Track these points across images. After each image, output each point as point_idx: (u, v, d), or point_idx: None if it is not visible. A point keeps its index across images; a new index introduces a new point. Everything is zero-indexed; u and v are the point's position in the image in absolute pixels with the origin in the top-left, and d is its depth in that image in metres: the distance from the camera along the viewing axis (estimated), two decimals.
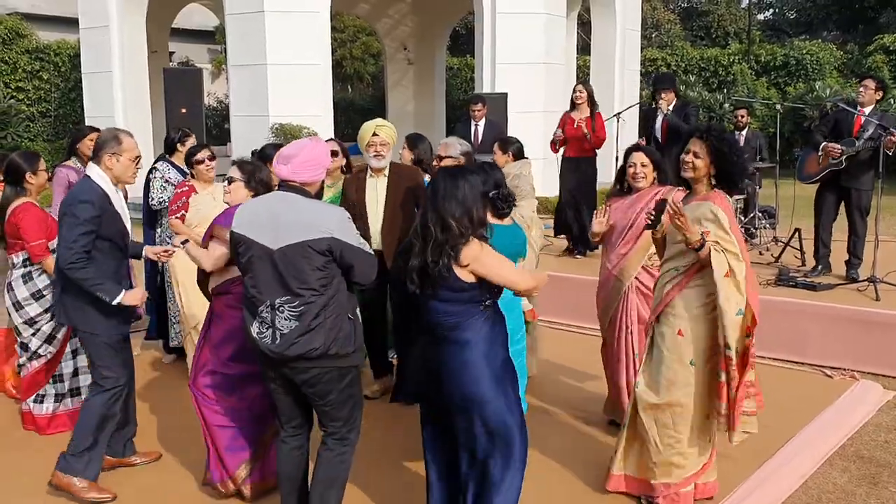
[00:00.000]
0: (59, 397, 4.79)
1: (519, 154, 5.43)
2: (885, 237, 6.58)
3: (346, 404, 3.38)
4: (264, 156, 5.08)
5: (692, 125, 7.10)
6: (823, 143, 6.71)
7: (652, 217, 3.88)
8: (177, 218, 5.39)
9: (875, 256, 6.37)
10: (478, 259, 3.07)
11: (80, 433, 3.93)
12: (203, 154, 5.46)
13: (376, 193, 5.00)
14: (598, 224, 4.49)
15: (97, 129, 6.10)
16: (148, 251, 4.28)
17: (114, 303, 3.81)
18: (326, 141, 5.48)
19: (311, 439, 3.59)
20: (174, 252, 4.28)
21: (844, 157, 6.61)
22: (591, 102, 8.00)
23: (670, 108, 7.55)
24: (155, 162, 6.09)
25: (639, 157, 4.41)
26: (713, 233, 3.63)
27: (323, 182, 3.46)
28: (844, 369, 5.77)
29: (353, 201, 5.01)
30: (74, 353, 4.79)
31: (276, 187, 3.49)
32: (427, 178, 5.13)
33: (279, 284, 3.20)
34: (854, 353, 5.84)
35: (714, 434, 3.86)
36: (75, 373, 4.81)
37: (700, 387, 3.74)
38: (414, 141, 5.62)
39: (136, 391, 4.41)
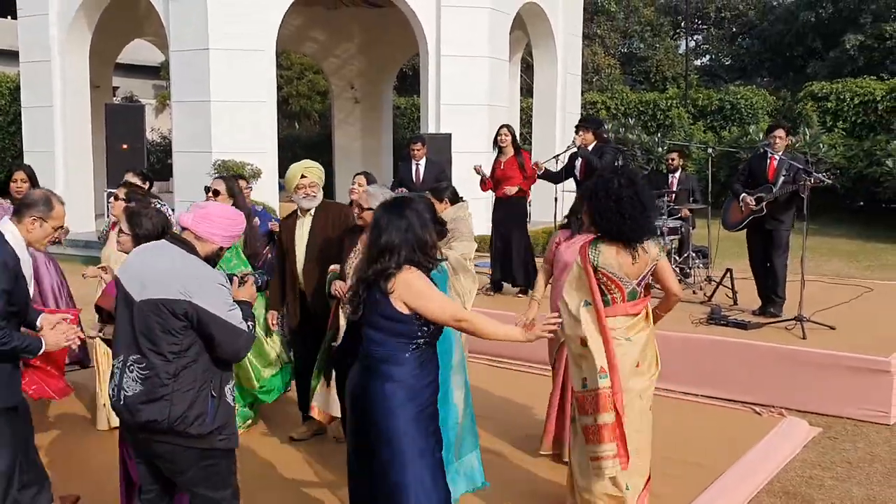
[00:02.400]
0: None
1: (454, 198, 5.50)
2: (810, 277, 6.83)
3: (209, 482, 3.09)
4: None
5: (605, 161, 7.35)
6: (742, 196, 7.00)
7: None
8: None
9: (801, 296, 6.60)
10: (408, 286, 2.98)
11: None
12: (117, 191, 5.26)
13: (303, 233, 5.03)
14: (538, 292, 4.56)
15: (25, 168, 6.09)
16: (43, 321, 3.66)
17: (41, 352, 3.47)
18: (216, 178, 5.55)
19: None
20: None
21: (764, 203, 6.90)
22: (515, 143, 8.18)
23: (589, 147, 7.62)
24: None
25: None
26: None
27: (221, 249, 3.24)
28: (773, 406, 5.94)
29: (285, 246, 5.05)
30: None
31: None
32: None
33: (132, 340, 2.98)
34: (782, 390, 6.02)
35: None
36: None
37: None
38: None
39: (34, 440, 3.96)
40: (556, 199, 9.54)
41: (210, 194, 5.36)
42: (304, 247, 5.01)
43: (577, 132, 7.77)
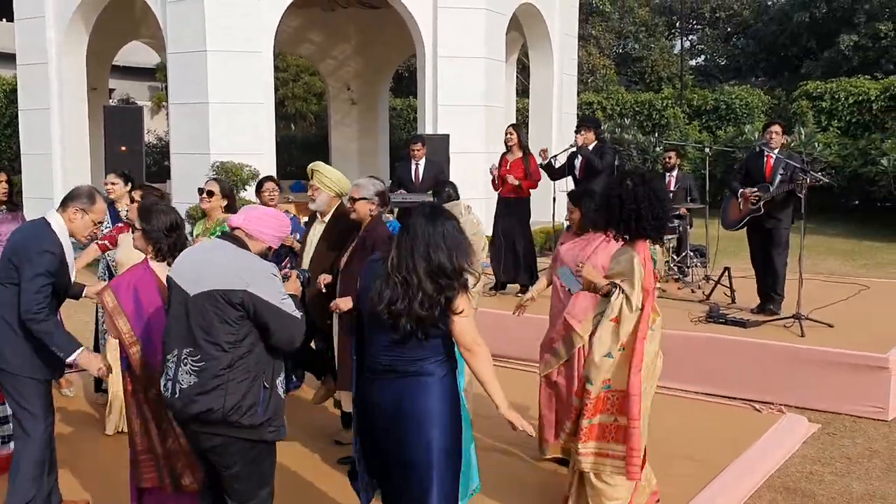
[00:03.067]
0: None
1: (448, 198, 5.53)
2: (808, 275, 6.87)
3: (252, 478, 3.17)
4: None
5: (605, 162, 7.53)
6: (741, 190, 7.05)
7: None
8: (97, 242, 5.41)
9: (799, 294, 6.65)
10: (463, 308, 3.01)
11: (19, 487, 3.77)
12: (133, 193, 5.42)
13: (313, 238, 5.02)
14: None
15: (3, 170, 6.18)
16: (89, 292, 4.21)
17: (68, 360, 3.72)
18: (211, 179, 5.60)
19: None
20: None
21: (762, 202, 6.95)
22: (522, 145, 8.23)
23: (590, 147, 7.76)
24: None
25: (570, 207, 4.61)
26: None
27: (269, 249, 3.36)
28: (773, 403, 5.99)
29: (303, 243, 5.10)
30: None
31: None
32: None
33: (187, 333, 3.05)
34: (781, 387, 6.06)
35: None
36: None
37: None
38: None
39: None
40: (553, 200, 9.59)
41: (204, 195, 5.38)
42: (311, 253, 4.99)
43: (577, 132, 7.85)
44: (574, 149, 7.85)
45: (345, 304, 4.35)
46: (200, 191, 5.45)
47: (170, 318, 3.17)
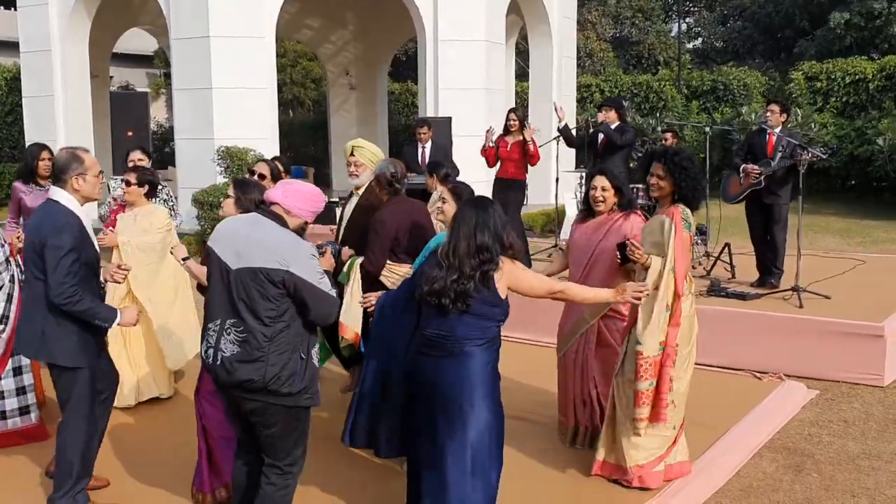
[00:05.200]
0: None
1: (445, 179, 5.67)
2: (807, 251, 7.07)
3: (289, 438, 3.36)
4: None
5: (626, 139, 7.83)
6: (743, 166, 7.23)
7: (619, 258, 4.21)
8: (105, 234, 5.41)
9: (798, 267, 6.84)
10: (512, 273, 3.39)
11: (63, 471, 3.84)
12: (128, 176, 5.48)
13: (346, 212, 5.20)
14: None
15: (45, 147, 6.25)
16: (106, 274, 4.09)
17: (114, 325, 3.78)
18: (260, 161, 5.66)
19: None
20: (126, 275, 4.17)
21: (763, 177, 7.13)
22: (523, 128, 8.40)
23: (612, 126, 8.02)
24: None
25: (599, 181, 4.51)
26: (655, 246, 4.09)
27: (306, 224, 3.47)
28: (772, 372, 6.19)
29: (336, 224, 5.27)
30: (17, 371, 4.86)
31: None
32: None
33: (230, 305, 3.20)
34: (781, 356, 6.26)
35: (678, 419, 4.21)
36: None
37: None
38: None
39: None
40: (556, 180, 9.76)
41: (256, 177, 5.43)
42: (343, 227, 5.16)
43: (600, 110, 8.17)
44: (598, 124, 8.11)
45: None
46: (251, 173, 5.47)
47: (211, 288, 3.32)
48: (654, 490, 4.18)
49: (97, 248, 3.91)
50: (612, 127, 8.00)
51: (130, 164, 5.99)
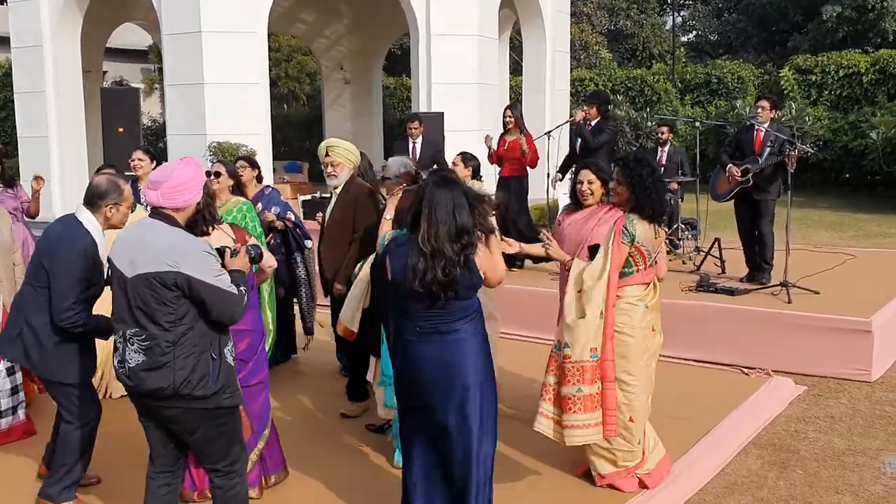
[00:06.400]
0: None
1: (475, 172, 5.70)
2: (792, 245, 7.08)
3: (217, 441, 3.30)
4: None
5: (599, 140, 7.63)
6: (728, 166, 7.19)
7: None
8: None
9: (787, 263, 6.85)
10: (488, 255, 3.38)
11: (61, 463, 3.97)
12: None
13: (327, 212, 5.18)
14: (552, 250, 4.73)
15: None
16: None
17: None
18: (217, 161, 5.61)
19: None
20: None
21: (750, 174, 7.11)
22: (520, 124, 8.37)
23: (592, 123, 7.84)
24: None
25: (586, 175, 4.50)
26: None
27: (198, 206, 3.38)
28: (760, 368, 6.20)
29: (320, 221, 5.20)
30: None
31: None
32: None
33: (129, 315, 3.14)
34: (769, 352, 6.28)
35: (639, 434, 4.21)
36: None
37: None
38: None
39: None
40: (547, 175, 9.75)
41: (212, 177, 5.50)
42: (325, 225, 5.15)
43: (582, 108, 7.98)
44: (572, 124, 7.97)
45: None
46: (208, 173, 5.53)
47: (114, 299, 3.25)
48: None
49: (104, 276, 3.92)
50: (593, 123, 7.85)
51: (132, 163, 6.00)
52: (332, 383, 6.00)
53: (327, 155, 5.07)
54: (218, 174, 5.43)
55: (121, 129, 11.66)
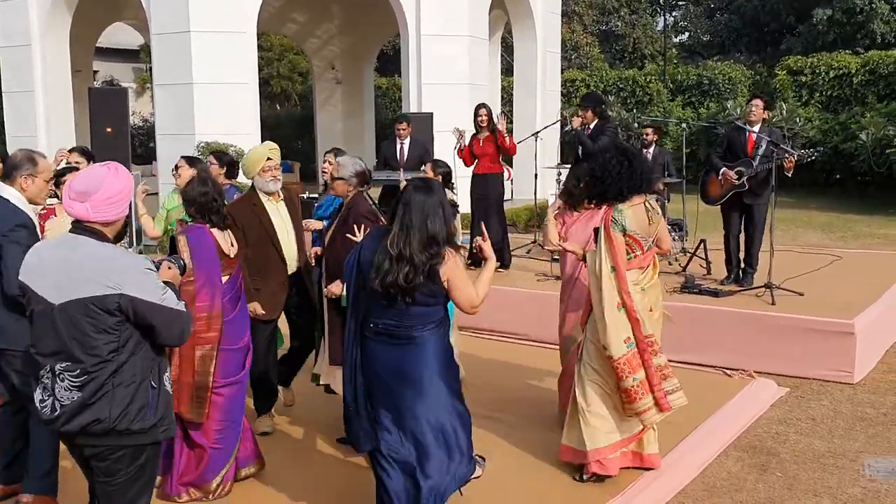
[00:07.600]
0: None
1: (445, 179, 5.68)
2: (779, 247, 7.08)
3: (132, 487, 2.87)
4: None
5: (600, 144, 7.43)
6: (723, 170, 7.13)
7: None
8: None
9: (771, 264, 6.84)
10: (455, 270, 3.32)
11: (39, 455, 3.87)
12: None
13: (281, 218, 4.95)
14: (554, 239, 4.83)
15: None
16: None
17: None
18: (181, 157, 5.61)
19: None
20: None
21: (745, 178, 7.03)
22: (492, 123, 8.30)
23: (590, 126, 7.72)
24: None
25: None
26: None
27: (128, 218, 2.98)
28: (743, 369, 6.21)
29: (259, 233, 4.82)
30: None
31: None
32: None
33: (60, 347, 2.71)
34: (752, 353, 6.28)
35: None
36: None
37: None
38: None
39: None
40: (535, 175, 9.76)
41: (176, 171, 5.53)
42: (289, 233, 4.95)
43: (577, 114, 7.87)
44: (572, 130, 7.83)
45: (336, 288, 4.54)
46: (175, 168, 5.58)
47: (34, 330, 2.83)
48: (618, 488, 4.20)
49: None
50: (591, 127, 7.75)
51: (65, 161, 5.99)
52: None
53: (269, 159, 4.91)
54: (177, 167, 5.47)
55: (109, 129, 11.65)
